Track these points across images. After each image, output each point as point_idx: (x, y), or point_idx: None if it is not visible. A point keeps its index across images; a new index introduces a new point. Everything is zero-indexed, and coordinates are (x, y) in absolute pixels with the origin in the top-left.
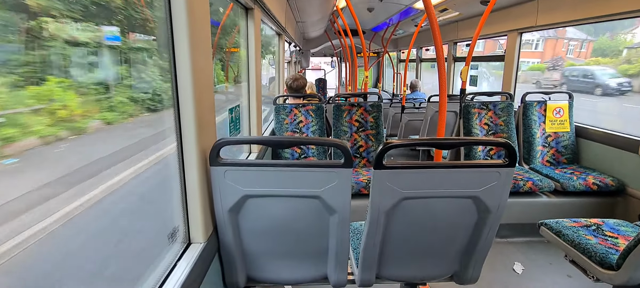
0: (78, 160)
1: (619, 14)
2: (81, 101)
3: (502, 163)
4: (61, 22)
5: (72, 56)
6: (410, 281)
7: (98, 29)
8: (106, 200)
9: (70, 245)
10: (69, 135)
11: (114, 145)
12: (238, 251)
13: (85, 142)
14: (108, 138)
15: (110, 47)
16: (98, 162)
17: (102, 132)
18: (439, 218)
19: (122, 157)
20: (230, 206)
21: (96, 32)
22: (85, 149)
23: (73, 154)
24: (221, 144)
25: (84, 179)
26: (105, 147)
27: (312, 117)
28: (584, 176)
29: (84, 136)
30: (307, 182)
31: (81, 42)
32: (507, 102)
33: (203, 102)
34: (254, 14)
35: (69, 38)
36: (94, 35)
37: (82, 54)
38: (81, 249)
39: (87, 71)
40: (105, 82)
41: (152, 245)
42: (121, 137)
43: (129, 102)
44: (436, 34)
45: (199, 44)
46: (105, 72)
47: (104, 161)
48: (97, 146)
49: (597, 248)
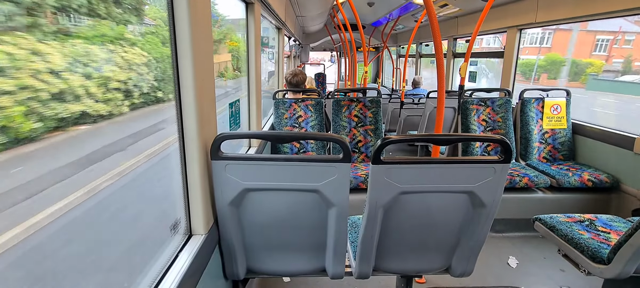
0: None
1: (620, 11)
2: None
3: (497, 159)
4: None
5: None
6: (406, 274)
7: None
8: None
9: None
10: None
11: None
12: (238, 243)
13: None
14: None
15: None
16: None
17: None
18: (435, 213)
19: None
20: (231, 199)
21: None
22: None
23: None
24: (222, 138)
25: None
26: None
27: (312, 112)
28: (580, 172)
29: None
30: (306, 176)
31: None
32: (505, 99)
33: (204, 97)
34: (254, 9)
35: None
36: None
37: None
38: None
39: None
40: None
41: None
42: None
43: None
44: (435, 29)
45: (201, 40)
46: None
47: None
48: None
49: (589, 243)
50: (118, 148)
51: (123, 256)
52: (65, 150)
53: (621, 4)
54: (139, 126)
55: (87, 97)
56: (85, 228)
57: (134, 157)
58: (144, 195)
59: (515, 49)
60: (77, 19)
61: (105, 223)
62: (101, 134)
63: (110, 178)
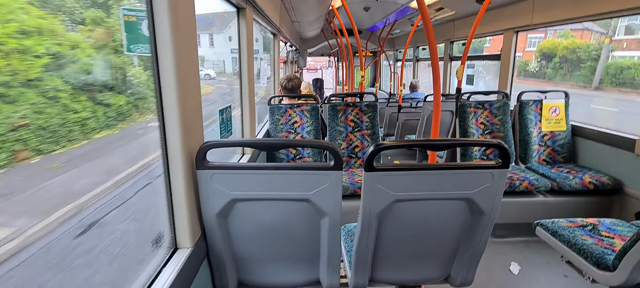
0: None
1: (616, 11)
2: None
3: (495, 164)
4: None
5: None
6: (404, 284)
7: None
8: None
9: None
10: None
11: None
12: (228, 255)
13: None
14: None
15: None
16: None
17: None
18: (432, 221)
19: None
20: (218, 210)
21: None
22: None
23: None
24: (207, 147)
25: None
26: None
27: (307, 117)
28: (581, 175)
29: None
30: (296, 185)
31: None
32: (503, 101)
33: (188, 103)
34: (246, 14)
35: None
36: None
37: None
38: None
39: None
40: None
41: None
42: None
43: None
44: (430, 34)
45: (184, 41)
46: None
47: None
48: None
49: (593, 249)
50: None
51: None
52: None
53: (618, 4)
54: None
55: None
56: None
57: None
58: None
59: (512, 51)
60: None
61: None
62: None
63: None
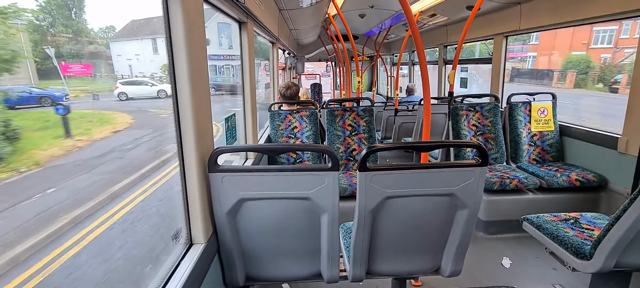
0: None
1: (596, 17)
2: None
3: (474, 163)
4: None
5: None
6: (398, 275)
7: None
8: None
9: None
10: None
11: None
12: (237, 251)
13: None
14: None
15: None
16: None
17: None
18: (420, 215)
19: None
20: (228, 209)
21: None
22: None
23: None
24: (218, 152)
25: None
26: None
27: (306, 122)
28: (568, 173)
29: None
30: (298, 185)
31: None
32: (493, 104)
33: (201, 112)
34: (247, 27)
35: None
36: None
37: None
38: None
39: None
40: None
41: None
42: None
43: None
44: (419, 42)
45: (197, 61)
46: None
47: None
48: None
49: (573, 240)
50: None
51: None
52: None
53: (597, 10)
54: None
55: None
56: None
57: None
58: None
59: (503, 56)
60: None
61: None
62: None
63: None
